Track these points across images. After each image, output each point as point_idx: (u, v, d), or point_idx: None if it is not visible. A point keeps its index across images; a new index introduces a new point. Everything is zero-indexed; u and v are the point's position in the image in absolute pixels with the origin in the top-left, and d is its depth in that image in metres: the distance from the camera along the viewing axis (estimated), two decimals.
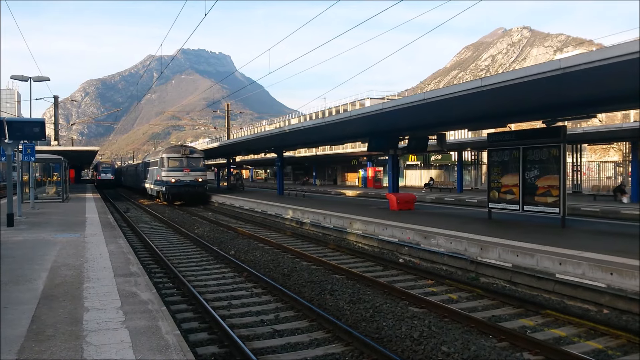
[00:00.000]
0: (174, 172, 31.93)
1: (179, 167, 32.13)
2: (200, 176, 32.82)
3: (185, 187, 32.16)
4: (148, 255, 13.80)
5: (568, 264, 8.93)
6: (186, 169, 32.21)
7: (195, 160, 33.19)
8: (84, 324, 5.45)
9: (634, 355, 6.40)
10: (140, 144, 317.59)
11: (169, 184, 31.77)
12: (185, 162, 32.56)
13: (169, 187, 31.89)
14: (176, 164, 32.21)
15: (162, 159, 32.68)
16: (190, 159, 32.82)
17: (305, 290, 9.61)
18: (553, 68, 9.20)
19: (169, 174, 31.92)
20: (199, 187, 32.73)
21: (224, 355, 6.39)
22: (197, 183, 32.48)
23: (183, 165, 32.28)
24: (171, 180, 31.68)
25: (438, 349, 6.33)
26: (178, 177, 31.85)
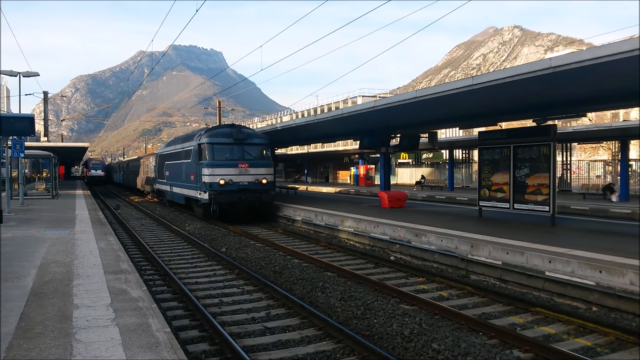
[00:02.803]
0: (223, 168, 19.91)
1: (230, 160, 20.12)
2: (265, 175, 20.46)
3: (243, 193, 19.80)
4: (138, 253, 13.73)
5: (557, 261, 9.00)
6: (243, 163, 20.09)
7: (255, 149, 20.91)
8: (74, 321, 5.41)
9: (623, 353, 6.46)
10: (130, 140, 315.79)
11: (214, 187, 19.55)
12: (241, 151, 20.40)
13: (216, 194, 19.47)
14: (225, 155, 20.26)
15: (200, 147, 20.66)
16: (248, 146, 20.64)
17: (297, 287, 9.61)
18: (544, 67, 9.25)
19: (214, 171, 19.84)
20: (263, 192, 20.21)
21: (214, 353, 6.37)
22: (260, 186, 20.15)
23: (237, 157, 20.18)
24: (219, 181, 19.58)
25: (429, 346, 6.35)
26: (230, 176, 19.82)
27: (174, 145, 26.44)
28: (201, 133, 21.43)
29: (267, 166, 20.85)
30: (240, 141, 20.35)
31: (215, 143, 20.25)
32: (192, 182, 21.62)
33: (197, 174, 20.67)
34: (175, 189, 25.28)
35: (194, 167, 21.13)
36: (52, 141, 55.92)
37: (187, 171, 22.52)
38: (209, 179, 19.71)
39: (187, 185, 22.64)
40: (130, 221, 21.51)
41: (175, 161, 25.16)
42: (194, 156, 21.30)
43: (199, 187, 20.48)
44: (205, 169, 19.90)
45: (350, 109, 17.16)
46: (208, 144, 20.23)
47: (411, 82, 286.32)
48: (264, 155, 21.08)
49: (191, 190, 21.88)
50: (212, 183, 19.60)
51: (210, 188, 19.55)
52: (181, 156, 23.88)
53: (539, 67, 9.39)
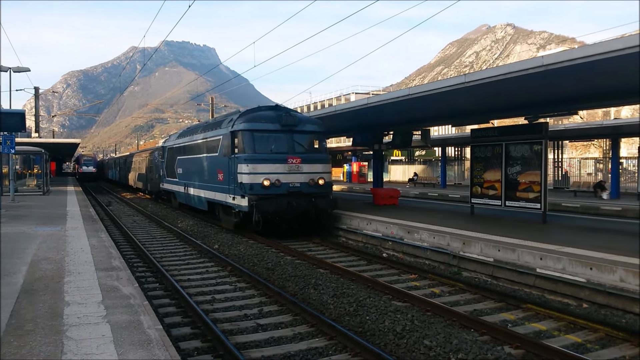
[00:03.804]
0: (268, 164, 14.84)
1: (277, 154, 15.10)
2: (322, 173, 15.55)
3: (294, 198, 14.81)
4: (130, 249, 13.67)
5: (549, 258, 9.05)
6: (294, 157, 15.10)
7: (308, 138, 15.97)
8: (65, 319, 5.39)
9: (612, 349, 6.52)
10: (122, 136, 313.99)
11: (256, 190, 14.59)
12: (290, 141, 15.39)
13: (259, 200, 14.44)
14: (270, 146, 15.21)
15: (234, 135, 15.47)
16: (299, 134, 15.61)
17: (289, 284, 9.61)
18: (536, 65, 9.29)
19: (256, 167, 14.73)
20: (320, 196, 15.28)
21: (207, 350, 6.37)
22: (316, 188, 15.27)
23: (285, 149, 15.23)
24: (262, 181, 14.60)
25: (420, 342, 6.38)
26: (277, 175, 14.82)
27: (191, 135, 21.03)
28: (233, 117, 16.27)
29: (324, 161, 15.83)
30: (289, 128, 15.28)
31: (257, 130, 15.07)
32: (219, 182, 16.63)
33: (228, 172, 15.64)
34: (193, 191, 20.22)
35: (223, 163, 16.21)
36: (43, 137, 55.55)
37: (211, 168, 17.65)
38: (248, 178, 14.53)
39: (211, 186, 17.78)
40: (122, 218, 21.42)
41: (193, 155, 20.14)
42: (223, 148, 16.26)
43: (232, 189, 15.34)
44: (242, 165, 14.70)
45: (344, 106, 17.13)
46: (246, 132, 15.00)
47: (404, 80, 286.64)
48: (319, 146, 16.14)
49: (218, 192, 16.96)
50: (253, 184, 14.46)
51: (251, 191, 14.38)
52: (202, 149, 18.82)
53: (531, 65, 9.43)
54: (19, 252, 9.34)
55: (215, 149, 17.15)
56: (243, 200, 14.72)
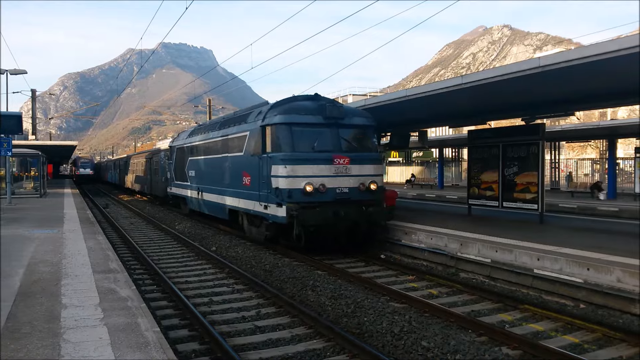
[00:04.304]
0: (311, 166, 12.32)
1: (320, 152, 12.56)
2: (373, 176, 13.02)
3: (342, 207, 12.31)
4: (128, 252, 13.65)
5: (546, 259, 9.07)
6: (341, 156, 12.60)
7: (357, 134, 13.45)
8: (62, 321, 5.38)
9: (609, 349, 6.54)
10: (120, 138, 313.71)
11: (296, 197, 12.07)
12: (336, 137, 12.87)
13: (300, 209, 11.87)
14: (312, 143, 12.61)
15: (266, 130, 12.96)
16: (346, 129, 13.16)
17: (287, 286, 9.61)
18: (532, 66, 9.32)
19: (295, 169, 12.21)
20: (372, 204, 12.74)
21: (204, 352, 6.36)
22: (367, 195, 12.78)
23: (330, 147, 12.70)
24: (304, 186, 12.06)
25: (418, 343, 6.38)
26: (322, 178, 12.28)
27: (206, 133, 18.48)
28: (262, 110, 13.61)
29: (376, 161, 13.27)
30: (334, 121, 12.67)
31: (296, 124, 12.45)
32: (245, 187, 14.02)
33: (258, 175, 13.05)
34: (209, 196, 17.65)
35: (250, 164, 13.62)
36: (41, 139, 55.44)
37: (234, 170, 15.00)
38: (286, 182, 11.92)
39: (233, 192, 15.07)
40: (120, 220, 21.38)
41: (209, 156, 17.60)
42: (251, 146, 13.69)
43: (264, 195, 12.69)
44: (278, 166, 12.10)
45: None
46: (283, 126, 12.36)
47: (401, 81, 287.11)
48: (369, 144, 13.43)
49: (243, 199, 14.26)
50: (292, 190, 11.81)
51: (289, 199, 11.77)
52: (221, 148, 16.29)
53: (528, 67, 9.45)
54: (16, 254, 9.31)
55: (240, 148, 14.57)
56: (279, 210, 12.08)
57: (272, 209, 12.46)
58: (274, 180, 12.32)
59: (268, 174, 12.52)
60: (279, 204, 12.12)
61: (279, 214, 12.15)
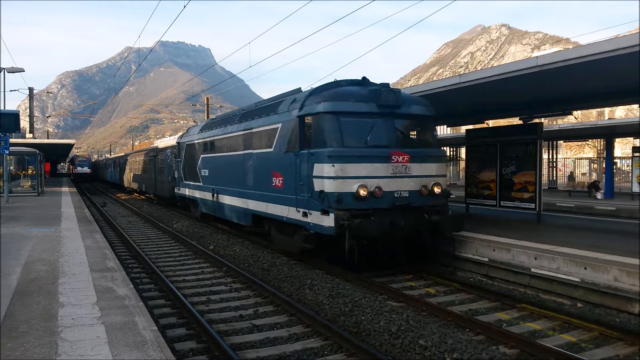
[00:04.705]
0: (364, 165, 9.93)
1: (375, 150, 10.18)
2: (437, 177, 10.80)
3: (401, 215, 9.99)
4: (125, 250, 13.64)
5: (543, 258, 9.09)
6: (400, 153, 10.23)
7: (415, 126, 11.51)
8: (59, 320, 5.37)
9: (606, 348, 6.56)
10: (117, 137, 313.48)
11: (347, 202, 9.65)
12: (392, 130, 10.55)
13: (352, 218, 9.44)
14: (365, 136, 10.28)
15: (305, 121, 10.81)
16: (403, 120, 10.96)
17: (285, 285, 9.61)
18: (530, 65, 9.33)
19: (345, 169, 9.77)
20: (436, 210, 10.61)
21: (202, 351, 6.36)
22: (430, 199, 10.61)
23: (385, 142, 10.36)
24: (357, 190, 9.66)
25: (415, 342, 6.39)
26: (377, 179, 9.94)
27: (222, 126, 16.11)
28: (297, 98, 11.49)
29: (439, 159, 11.21)
30: (390, 110, 10.44)
31: (346, 113, 10.21)
32: (276, 189, 11.79)
33: (295, 174, 10.84)
34: (227, 199, 15.36)
35: (283, 162, 11.44)
36: (38, 138, 55.30)
37: (260, 169, 12.80)
38: (334, 185, 9.67)
39: (259, 195, 12.77)
40: (117, 219, 21.36)
41: (227, 153, 15.37)
42: (284, 141, 11.45)
43: (304, 200, 10.45)
44: (324, 164, 9.82)
45: None
46: (329, 116, 10.15)
47: (399, 80, 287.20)
48: (430, 138, 11.40)
49: (272, 203, 12.03)
50: (343, 194, 9.59)
51: (339, 204, 9.54)
52: (242, 143, 14.02)
53: (526, 66, 9.46)
54: (13, 253, 9.30)
55: (268, 143, 12.31)
56: (325, 218, 9.70)
57: (315, 217, 10.09)
58: (317, 181, 10.02)
59: (309, 174, 10.25)
60: (325, 211, 9.76)
61: (325, 224, 9.72)
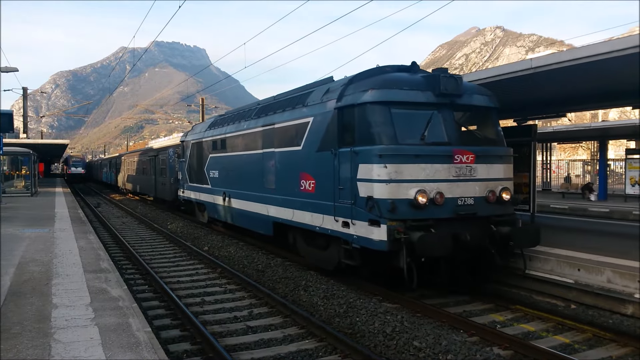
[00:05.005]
0: (422, 165, 8.21)
1: (435, 148, 8.42)
2: (504, 180, 9.07)
3: (466, 227, 8.25)
4: (119, 251, 13.59)
5: (537, 260, 9.11)
6: (464, 151, 8.50)
7: (476, 118, 9.65)
8: (52, 321, 5.35)
9: (599, 349, 6.59)
10: (112, 137, 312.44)
11: (402, 212, 7.98)
12: (451, 123, 8.76)
13: (410, 230, 7.89)
14: (421, 131, 8.46)
15: (344, 113, 9.04)
16: (463, 111, 9.31)
17: (280, 286, 9.60)
18: (524, 68, 9.35)
19: (400, 170, 8.10)
20: (505, 221, 8.81)
21: (196, 352, 6.35)
22: (497, 207, 8.84)
23: (444, 138, 8.57)
24: (416, 197, 7.97)
25: (410, 343, 6.40)
26: (437, 183, 8.25)
27: (236, 122, 14.41)
28: (333, 87, 9.86)
29: (507, 159, 9.42)
30: (450, 100, 8.79)
31: (398, 103, 8.58)
32: (306, 193, 10.23)
33: (333, 177, 9.22)
34: (241, 203, 13.77)
35: (317, 162, 9.85)
36: (32, 138, 55.00)
37: (285, 170, 11.22)
38: (387, 190, 8.12)
39: (283, 200, 11.25)
40: (111, 219, 21.27)
41: (243, 152, 13.69)
42: (316, 137, 9.85)
43: (345, 207, 8.86)
44: (373, 166, 8.26)
45: None
46: (379, 106, 8.50)
47: None
48: (495, 134, 9.54)
49: (301, 210, 10.45)
50: (397, 201, 8.05)
51: (392, 214, 7.98)
52: (261, 141, 12.45)
53: (520, 68, 9.49)
54: (7, 254, 9.25)
55: (295, 140, 10.71)
56: (374, 230, 8.08)
57: (360, 228, 8.43)
58: (362, 186, 8.38)
59: (351, 176, 8.60)
60: (374, 222, 8.08)
61: (374, 237, 8.06)
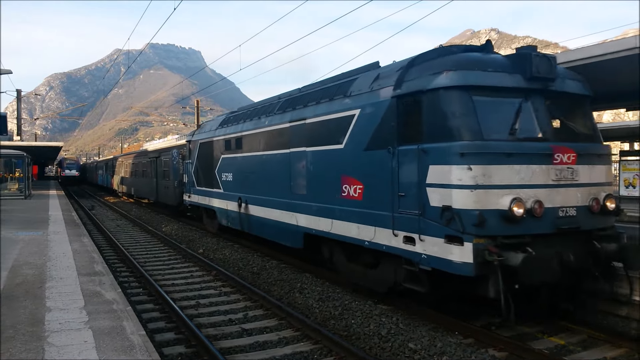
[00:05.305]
0: (515, 168, 6.47)
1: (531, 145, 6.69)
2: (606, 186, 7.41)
3: (569, 244, 6.63)
4: (113, 254, 13.54)
5: None
6: (564, 149, 6.79)
7: (572, 109, 7.57)
8: (46, 325, 5.32)
9: (593, 350, 6.60)
10: (106, 139, 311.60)
11: (493, 226, 6.28)
12: (545, 115, 7.00)
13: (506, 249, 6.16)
14: (509, 123, 6.70)
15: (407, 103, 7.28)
16: (559, 100, 7.28)
17: (275, 288, 9.59)
18: None
19: (489, 174, 6.36)
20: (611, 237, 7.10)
21: (191, 355, 6.32)
22: (603, 221, 7.20)
23: (539, 132, 6.89)
24: (511, 206, 6.23)
25: (405, 345, 6.40)
26: (535, 190, 6.51)
27: (256, 118, 12.83)
28: (386, 72, 8.35)
29: (607, 159, 7.95)
30: (542, 85, 7.14)
31: (482, 88, 6.87)
32: (350, 200, 8.59)
33: (392, 182, 7.55)
34: (262, 210, 12.14)
35: (366, 163, 8.20)
36: (26, 140, 54.78)
37: (322, 172, 9.56)
38: (472, 199, 6.40)
39: (318, 207, 9.60)
40: (105, 222, 21.19)
41: (262, 152, 12.20)
42: (365, 133, 8.25)
43: (409, 220, 7.20)
44: (453, 167, 6.55)
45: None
46: (457, 92, 6.83)
47: None
48: (591, 128, 7.80)
49: (343, 220, 8.81)
50: (486, 213, 6.33)
51: (480, 229, 6.30)
52: (288, 139, 10.84)
53: None
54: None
55: (335, 137, 9.02)
56: (453, 249, 6.44)
57: (431, 246, 6.71)
58: (436, 192, 6.67)
59: (418, 180, 6.92)
60: (454, 238, 6.40)
61: (454, 257, 6.38)
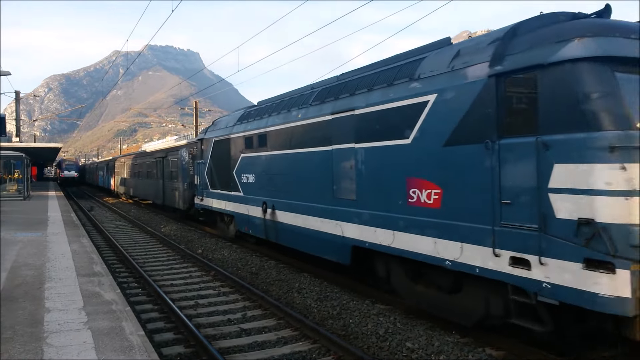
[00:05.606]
0: None
1: None
2: None
3: None
4: (112, 255, 13.55)
5: None
6: None
7: None
8: (45, 325, 5.34)
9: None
10: (105, 141, 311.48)
11: None
12: None
13: None
14: None
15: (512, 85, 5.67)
16: None
17: (273, 288, 9.62)
18: None
19: None
20: None
21: (190, 355, 6.35)
22: None
23: None
24: None
25: (403, 345, 6.44)
26: None
27: (283, 112, 11.44)
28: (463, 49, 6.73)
29: None
30: None
31: (625, 62, 5.10)
32: (422, 208, 6.95)
33: (491, 186, 5.85)
34: (294, 217, 10.63)
35: (446, 162, 6.56)
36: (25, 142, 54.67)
37: (377, 173, 7.99)
38: (627, 210, 4.68)
39: (372, 215, 8.05)
40: (104, 223, 21.20)
41: (293, 150, 10.78)
42: (443, 124, 6.60)
43: (521, 236, 5.50)
44: (595, 165, 4.84)
45: None
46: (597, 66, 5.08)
47: None
48: None
49: (410, 233, 7.17)
50: None
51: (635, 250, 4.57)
52: (328, 134, 9.35)
53: None
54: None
55: (399, 130, 7.49)
56: (602, 279, 4.85)
57: (560, 272, 5.22)
58: (565, 200, 5.21)
59: (536, 183, 5.44)
60: (599, 263, 4.91)
61: (602, 290, 4.88)
